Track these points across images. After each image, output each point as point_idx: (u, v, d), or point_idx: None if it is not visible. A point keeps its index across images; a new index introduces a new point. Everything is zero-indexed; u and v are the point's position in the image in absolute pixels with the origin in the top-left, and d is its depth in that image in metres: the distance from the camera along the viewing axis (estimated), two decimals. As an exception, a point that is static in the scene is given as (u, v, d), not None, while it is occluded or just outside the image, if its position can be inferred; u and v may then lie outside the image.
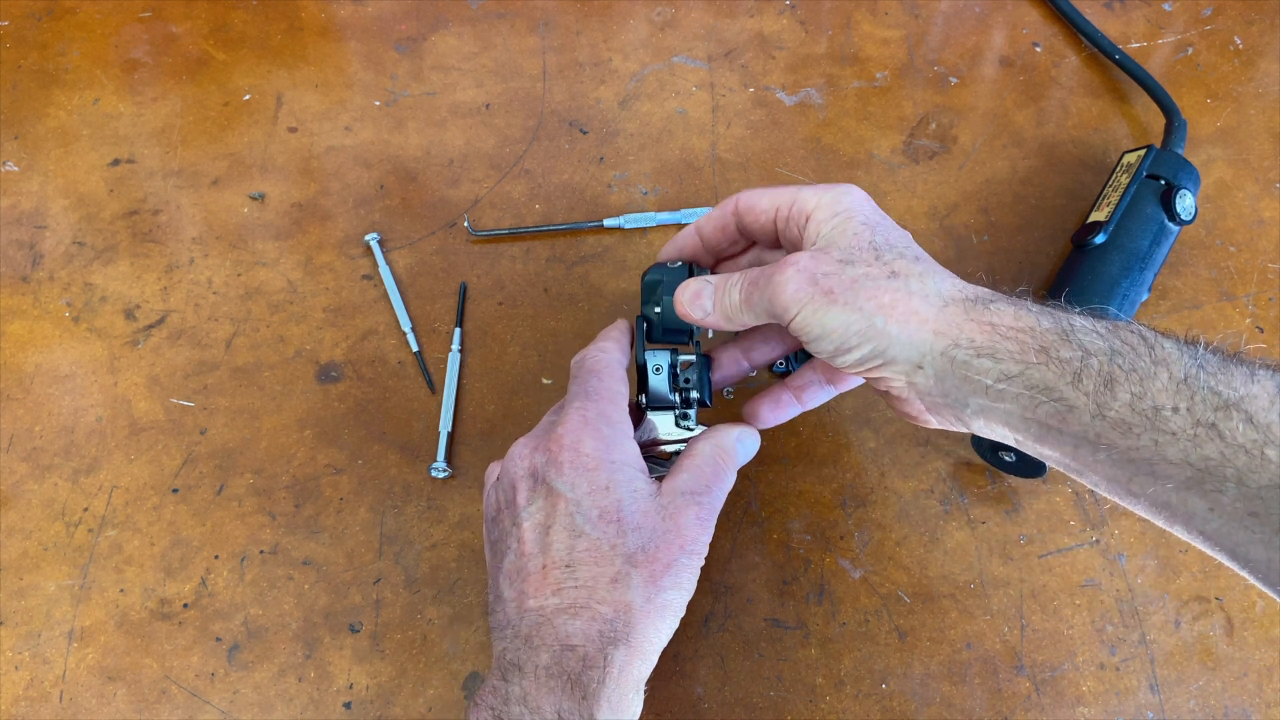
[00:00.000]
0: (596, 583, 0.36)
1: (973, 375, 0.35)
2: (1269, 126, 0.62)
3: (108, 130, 0.62)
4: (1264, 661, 0.46)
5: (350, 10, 0.68)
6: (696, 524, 0.38)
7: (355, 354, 0.54)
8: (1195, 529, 0.32)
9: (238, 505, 0.50)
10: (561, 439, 0.38)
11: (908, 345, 0.36)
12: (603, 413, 0.39)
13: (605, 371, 0.41)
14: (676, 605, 0.37)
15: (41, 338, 0.55)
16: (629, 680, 0.36)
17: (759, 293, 0.38)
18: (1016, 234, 0.58)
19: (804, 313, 0.37)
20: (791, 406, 0.46)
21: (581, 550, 0.36)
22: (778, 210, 0.42)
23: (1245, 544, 0.31)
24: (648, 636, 0.36)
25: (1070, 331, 0.34)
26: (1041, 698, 0.45)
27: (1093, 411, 0.32)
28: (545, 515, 0.38)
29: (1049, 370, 0.33)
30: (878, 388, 0.39)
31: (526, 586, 0.37)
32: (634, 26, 0.67)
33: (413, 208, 0.59)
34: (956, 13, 0.68)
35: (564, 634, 0.35)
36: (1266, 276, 0.56)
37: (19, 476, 0.50)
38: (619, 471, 0.38)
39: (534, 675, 0.35)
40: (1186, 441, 0.31)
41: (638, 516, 0.37)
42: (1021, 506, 0.49)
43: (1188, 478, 0.31)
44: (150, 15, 0.68)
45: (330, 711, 0.45)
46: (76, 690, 0.45)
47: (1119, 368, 0.32)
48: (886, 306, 0.36)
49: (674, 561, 0.37)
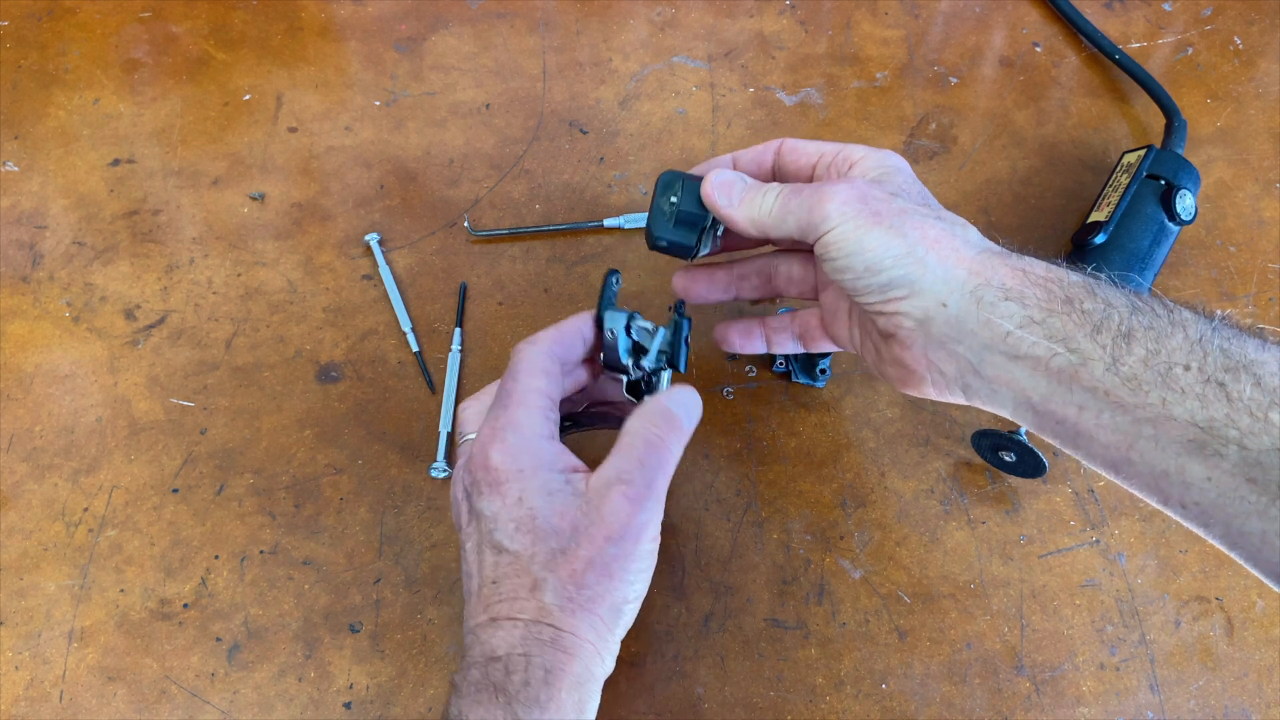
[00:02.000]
0: (517, 594, 0.36)
1: (996, 318, 0.35)
2: (1269, 126, 0.62)
3: (108, 130, 0.62)
4: (1264, 661, 0.46)
5: (350, 10, 0.68)
6: (625, 505, 0.36)
7: (355, 354, 0.54)
8: (1191, 500, 0.32)
9: (238, 505, 0.50)
10: (477, 457, 0.38)
11: (940, 278, 0.36)
12: (511, 420, 0.38)
13: (523, 370, 0.40)
14: (614, 598, 0.37)
15: (41, 338, 0.55)
16: (563, 682, 0.35)
17: (799, 199, 0.38)
18: (1016, 234, 0.58)
19: (844, 226, 0.36)
20: (758, 342, 0.48)
21: (505, 565, 0.36)
22: (821, 155, 0.42)
23: (1240, 515, 0.31)
24: (579, 634, 0.36)
25: (1095, 286, 0.34)
26: (1041, 698, 0.45)
27: (1107, 364, 0.33)
28: (477, 538, 0.38)
29: (1070, 320, 0.34)
30: (885, 326, 0.38)
31: (469, 609, 0.37)
32: (634, 26, 0.67)
33: (413, 208, 0.59)
34: (956, 13, 0.68)
35: (489, 647, 0.35)
36: (1266, 276, 0.56)
37: (19, 476, 0.50)
38: (530, 480, 0.37)
39: (465, 692, 0.35)
40: (1194, 400, 0.31)
41: (554, 520, 0.36)
42: (1021, 506, 0.49)
43: (1190, 439, 0.31)
44: (150, 15, 0.68)
45: (330, 711, 0.45)
46: (76, 690, 0.45)
47: (1138, 324, 0.33)
48: (930, 239, 0.36)
49: (597, 555, 0.36)
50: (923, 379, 0.38)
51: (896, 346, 0.38)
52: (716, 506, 0.49)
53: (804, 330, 0.47)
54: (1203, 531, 0.33)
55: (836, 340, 0.46)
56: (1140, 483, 0.33)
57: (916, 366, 0.38)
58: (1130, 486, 0.34)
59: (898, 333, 0.38)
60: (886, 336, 0.39)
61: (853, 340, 0.44)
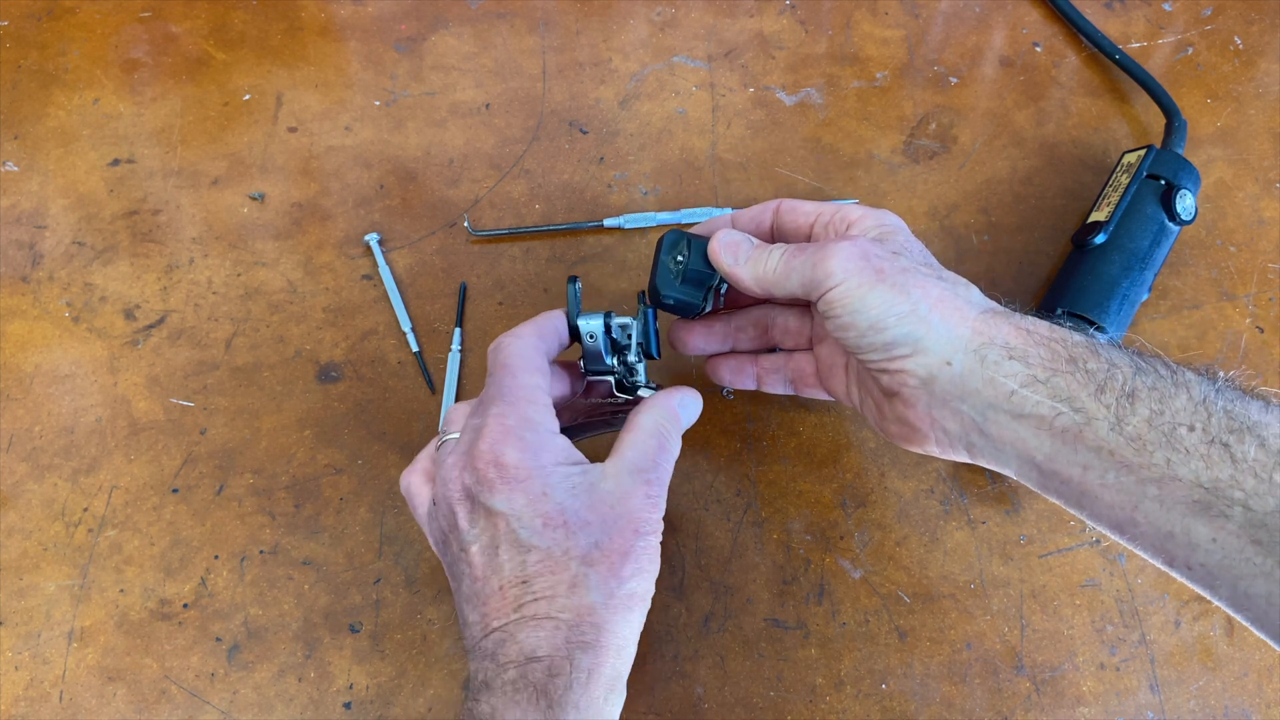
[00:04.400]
0: (555, 591, 0.35)
1: (1000, 377, 0.35)
2: (1269, 126, 0.62)
3: (108, 130, 0.62)
4: (1264, 661, 0.46)
5: (350, 10, 0.68)
6: (647, 503, 0.37)
7: (355, 354, 0.54)
8: (1197, 562, 0.32)
9: (238, 505, 0.50)
10: (485, 455, 0.37)
11: (944, 337, 0.36)
12: (523, 417, 0.38)
13: (519, 365, 0.39)
14: (641, 592, 0.37)
15: (41, 338, 0.55)
16: (599, 682, 0.35)
17: (803, 258, 0.39)
18: (1016, 234, 0.58)
19: (848, 283, 0.37)
20: (748, 381, 0.48)
21: (534, 563, 0.35)
22: (820, 214, 0.43)
23: (1246, 577, 0.31)
24: (617, 633, 0.36)
25: (1099, 346, 0.35)
26: (1041, 698, 0.45)
27: (1111, 423, 0.33)
28: (489, 536, 0.36)
29: (1074, 379, 0.34)
30: (888, 384, 0.38)
31: (487, 609, 0.36)
32: (634, 26, 0.67)
33: (413, 208, 0.59)
34: (956, 13, 0.68)
35: (529, 647, 0.35)
36: (1266, 276, 0.56)
37: (19, 476, 0.50)
38: (552, 475, 0.37)
39: (501, 691, 0.34)
40: (1199, 460, 0.31)
41: (584, 513, 0.36)
42: (1021, 506, 0.49)
43: (1195, 500, 0.31)
44: (150, 15, 0.68)
45: (330, 711, 0.45)
46: (76, 690, 0.45)
47: (1142, 384, 0.33)
48: (933, 298, 0.36)
49: (630, 548, 0.36)
50: (926, 437, 0.39)
51: (900, 405, 0.38)
52: (716, 506, 0.49)
53: (797, 376, 0.47)
54: (1209, 594, 0.33)
55: (831, 393, 0.46)
56: (1146, 544, 0.33)
57: (920, 425, 0.38)
58: (1136, 548, 0.34)
59: (901, 391, 0.38)
60: (890, 395, 0.39)
61: (850, 396, 0.44)
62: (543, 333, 0.41)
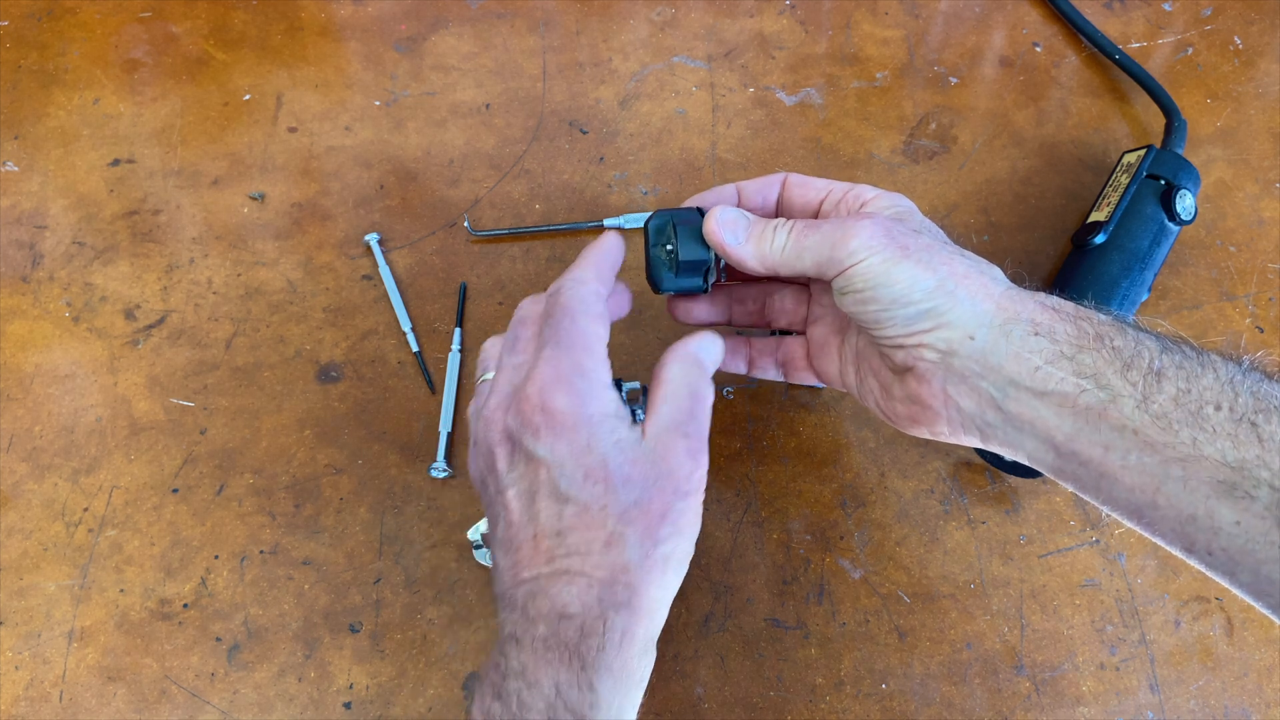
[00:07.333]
0: (590, 548, 0.34)
1: (1024, 352, 0.34)
2: (1269, 126, 0.62)
3: (108, 130, 0.62)
4: (1264, 661, 0.46)
5: (350, 10, 0.68)
6: (688, 459, 0.36)
7: (355, 354, 0.54)
8: (1218, 546, 0.31)
9: (238, 505, 0.50)
10: (532, 398, 0.35)
11: (969, 312, 0.35)
12: (576, 363, 0.36)
13: (579, 310, 0.37)
14: (679, 554, 0.36)
15: (41, 338, 0.55)
16: (633, 643, 0.34)
17: (817, 235, 0.38)
18: (1016, 234, 0.58)
19: (871, 260, 0.36)
20: (740, 363, 0.47)
21: (570, 516, 0.34)
22: (830, 192, 0.42)
23: (1269, 561, 0.30)
24: (650, 594, 0.35)
25: (1126, 325, 0.34)
26: (1041, 698, 0.45)
27: (1137, 400, 0.32)
28: (529, 483, 0.35)
29: (1101, 356, 0.33)
30: (903, 360, 0.37)
31: (519, 557, 0.35)
32: (634, 26, 0.67)
33: (413, 208, 0.59)
34: (956, 13, 0.68)
35: (560, 603, 0.34)
36: (1266, 276, 0.56)
37: (19, 476, 0.50)
38: (599, 426, 0.35)
39: (531, 648, 0.33)
40: (1225, 439, 0.31)
41: (626, 469, 0.35)
42: (1021, 506, 0.49)
43: (1220, 480, 0.31)
44: (150, 15, 0.68)
45: (330, 711, 0.45)
46: (76, 690, 0.45)
47: (1169, 362, 0.33)
48: (959, 274, 0.36)
49: (669, 508, 0.35)
50: (938, 416, 0.38)
51: (914, 381, 0.38)
52: (716, 506, 0.49)
53: (787, 359, 0.46)
54: (1228, 581, 0.32)
55: (821, 375, 0.45)
56: (1165, 528, 0.33)
57: (933, 403, 0.37)
58: (1153, 534, 0.33)
59: (917, 366, 0.37)
60: (902, 371, 0.38)
61: (843, 378, 0.43)
62: (601, 272, 0.39)
